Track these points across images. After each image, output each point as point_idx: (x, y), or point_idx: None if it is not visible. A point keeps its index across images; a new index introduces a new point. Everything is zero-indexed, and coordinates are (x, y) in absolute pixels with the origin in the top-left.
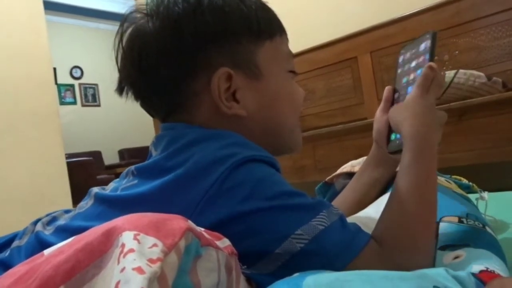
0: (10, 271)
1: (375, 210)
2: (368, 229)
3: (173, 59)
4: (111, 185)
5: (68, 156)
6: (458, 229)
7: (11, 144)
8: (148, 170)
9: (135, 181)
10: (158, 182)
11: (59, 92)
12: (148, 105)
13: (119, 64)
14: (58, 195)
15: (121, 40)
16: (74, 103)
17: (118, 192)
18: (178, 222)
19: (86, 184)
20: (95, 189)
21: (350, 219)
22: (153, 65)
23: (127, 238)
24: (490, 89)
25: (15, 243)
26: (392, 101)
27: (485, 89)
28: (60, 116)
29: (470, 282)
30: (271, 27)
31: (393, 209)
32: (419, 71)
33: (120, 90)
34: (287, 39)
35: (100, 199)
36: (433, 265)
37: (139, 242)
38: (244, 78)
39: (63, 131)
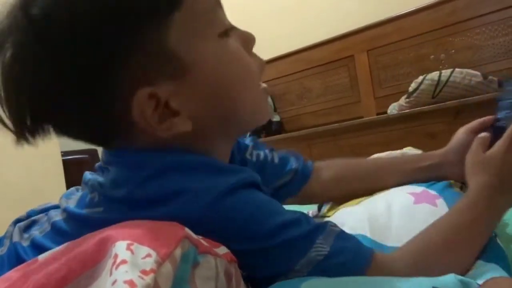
0: (3, 277)
1: (362, 210)
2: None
3: (73, 93)
4: (73, 197)
5: (64, 153)
6: None
7: (5, 142)
8: (116, 202)
9: (101, 209)
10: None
11: None
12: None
13: None
14: (54, 193)
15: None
16: None
17: (86, 212)
18: (174, 230)
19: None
20: (63, 203)
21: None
22: (56, 100)
23: (120, 248)
24: (486, 88)
25: None
26: (491, 126)
27: (481, 88)
28: None
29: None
30: None
31: (432, 236)
32: None
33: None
34: None
35: (70, 216)
36: None
37: (132, 252)
38: (169, 82)
39: None
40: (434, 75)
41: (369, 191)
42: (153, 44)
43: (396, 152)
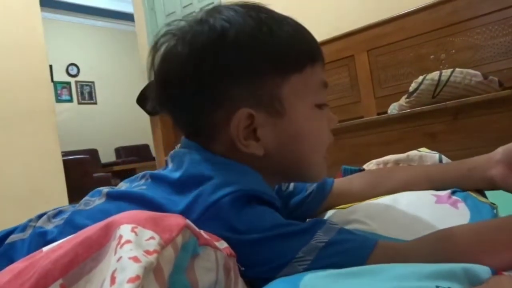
0: (9, 267)
1: (380, 203)
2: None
3: (192, 88)
4: (122, 185)
5: (65, 154)
6: None
7: (7, 142)
8: (164, 182)
9: (144, 186)
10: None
11: (56, 89)
12: (175, 122)
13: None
14: (54, 193)
15: (153, 60)
16: (71, 100)
17: (127, 188)
18: (175, 219)
19: (83, 182)
20: (106, 189)
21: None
22: (176, 90)
23: (125, 230)
24: (486, 88)
25: (18, 236)
26: None
27: (481, 88)
28: (57, 113)
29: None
30: (301, 60)
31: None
32: None
33: (141, 100)
34: (320, 67)
35: (114, 196)
36: None
37: (136, 234)
38: (266, 116)
39: (59, 129)
40: (434, 75)
41: None
42: (271, 86)
43: (414, 153)
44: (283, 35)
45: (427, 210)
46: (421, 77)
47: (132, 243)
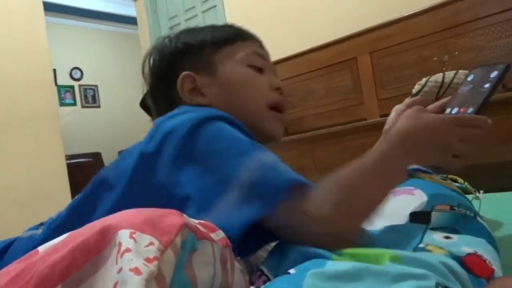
0: (4, 269)
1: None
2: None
3: (161, 78)
4: None
5: (68, 157)
6: (449, 216)
7: (10, 145)
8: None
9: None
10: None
11: (59, 93)
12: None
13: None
14: (58, 196)
15: (143, 68)
16: (74, 104)
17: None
18: (173, 218)
19: (86, 185)
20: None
21: None
22: (154, 83)
23: (124, 236)
24: None
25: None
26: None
27: None
28: (60, 117)
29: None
30: (231, 38)
31: (343, 183)
32: (470, 107)
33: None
34: (253, 44)
35: None
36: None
37: (135, 240)
38: (205, 76)
39: (63, 132)
40: (438, 76)
41: None
42: (207, 56)
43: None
44: (219, 27)
45: (387, 205)
46: (424, 79)
47: (132, 251)
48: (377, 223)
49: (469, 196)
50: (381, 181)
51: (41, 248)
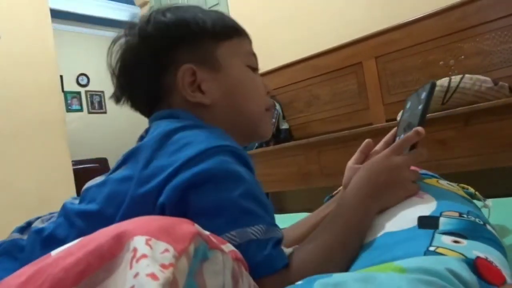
0: (17, 272)
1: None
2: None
3: (146, 61)
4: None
5: (75, 163)
6: (458, 222)
7: (17, 151)
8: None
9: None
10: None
11: (66, 99)
12: (135, 104)
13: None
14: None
15: (110, 57)
16: (81, 110)
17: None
18: (187, 227)
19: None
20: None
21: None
22: (132, 70)
23: (139, 243)
24: (497, 93)
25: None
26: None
27: (492, 93)
28: (67, 123)
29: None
30: (228, 32)
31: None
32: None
33: (116, 98)
34: (247, 42)
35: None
36: None
37: (151, 247)
38: (207, 71)
39: (69, 138)
40: (444, 81)
41: None
42: (206, 48)
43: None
44: (213, 15)
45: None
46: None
47: (148, 257)
48: (386, 225)
49: (478, 204)
50: (356, 237)
51: (54, 252)
